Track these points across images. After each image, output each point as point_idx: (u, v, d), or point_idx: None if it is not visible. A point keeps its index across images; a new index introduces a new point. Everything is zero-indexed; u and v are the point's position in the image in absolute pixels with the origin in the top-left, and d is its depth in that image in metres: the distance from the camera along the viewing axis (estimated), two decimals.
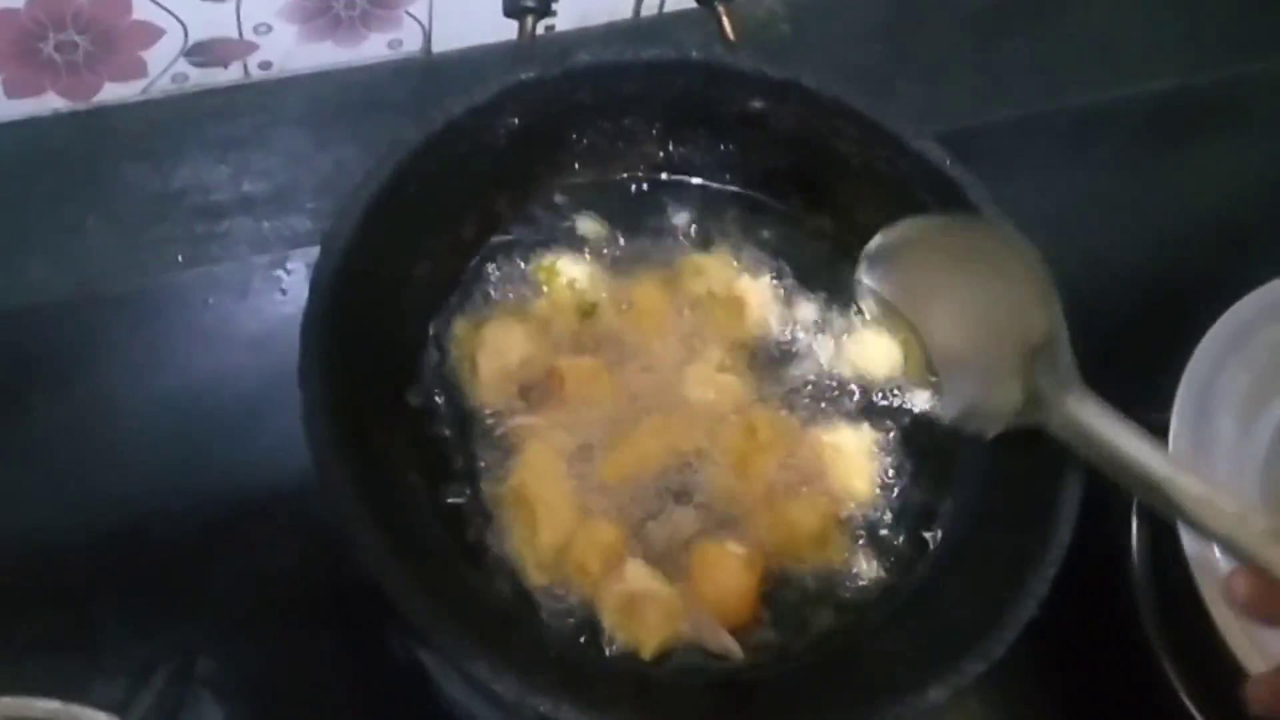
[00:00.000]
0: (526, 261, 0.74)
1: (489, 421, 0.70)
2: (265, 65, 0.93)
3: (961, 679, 0.58)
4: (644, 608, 0.64)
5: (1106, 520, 0.79)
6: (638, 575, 0.65)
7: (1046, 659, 0.76)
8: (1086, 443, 0.63)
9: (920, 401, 0.74)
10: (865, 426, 0.72)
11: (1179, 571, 0.70)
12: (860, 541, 0.69)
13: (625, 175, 0.76)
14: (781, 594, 0.68)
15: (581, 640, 0.65)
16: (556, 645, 0.63)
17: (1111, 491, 0.78)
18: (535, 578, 0.66)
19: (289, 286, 0.83)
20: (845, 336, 0.75)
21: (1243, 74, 1.05)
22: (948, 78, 1.02)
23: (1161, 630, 0.74)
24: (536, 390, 0.71)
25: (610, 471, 0.68)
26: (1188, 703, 0.73)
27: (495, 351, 0.71)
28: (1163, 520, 0.72)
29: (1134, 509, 0.77)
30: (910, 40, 1.04)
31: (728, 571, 0.66)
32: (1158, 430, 0.73)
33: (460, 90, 0.92)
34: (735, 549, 0.67)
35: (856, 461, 0.71)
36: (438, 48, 0.97)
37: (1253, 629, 0.68)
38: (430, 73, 0.97)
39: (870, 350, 0.74)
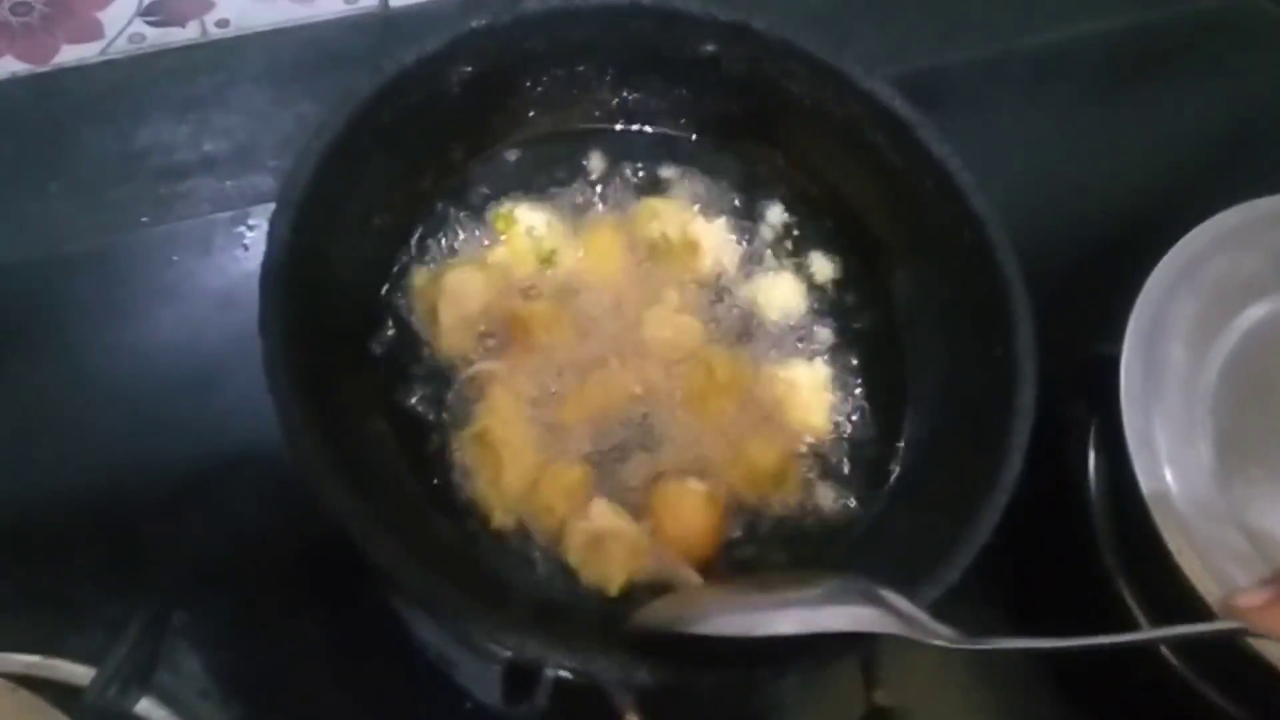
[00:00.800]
0: (485, 209, 0.75)
1: (453, 368, 0.70)
2: (223, 23, 0.93)
3: (918, 604, 0.59)
4: (609, 545, 0.66)
5: (1065, 447, 0.80)
6: (602, 514, 0.66)
7: (1006, 581, 0.78)
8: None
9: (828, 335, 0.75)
10: (819, 362, 0.73)
11: (1134, 497, 0.72)
12: (819, 476, 0.70)
13: (581, 126, 0.76)
14: (744, 529, 0.69)
15: (550, 581, 0.66)
16: (525, 586, 0.64)
17: (1070, 420, 0.80)
18: (502, 519, 0.66)
19: (251, 243, 0.84)
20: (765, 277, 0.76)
21: (1198, 10, 1.06)
22: (904, 21, 1.03)
23: (1118, 554, 0.76)
24: (498, 337, 0.71)
25: (572, 414, 0.69)
26: (1144, 624, 0.75)
27: (456, 300, 0.71)
28: (1118, 449, 0.74)
29: (1090, 437, 0.79)
30: None
31: (690, 508, 0.67)
32: (1111, 360, 0.75)
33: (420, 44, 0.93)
34: (696, 486, 0.68)
35: (811, 397, 0.71)
36: (395, 2, 0.97)
37: (1204, 553, 0.70)
38: (389, 26, 0.97)
39: (778, 292, 0.75)
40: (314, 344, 0.63)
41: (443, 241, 0.74)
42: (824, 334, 0.75)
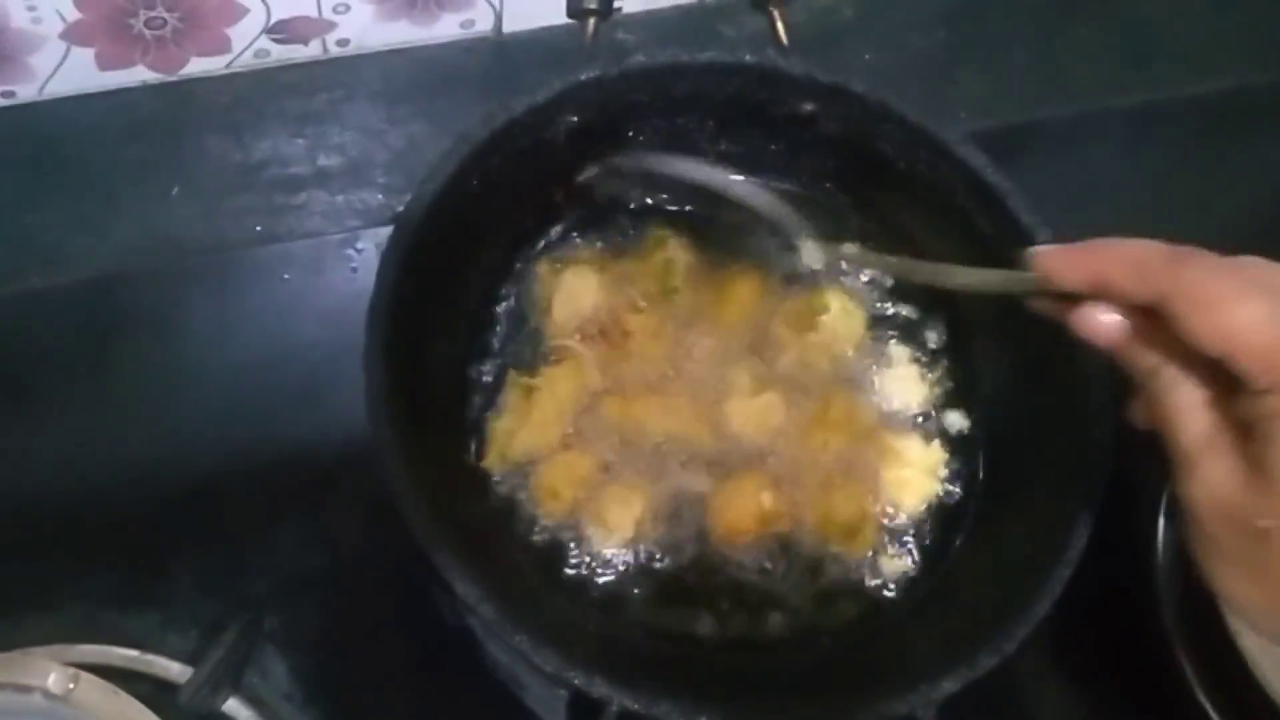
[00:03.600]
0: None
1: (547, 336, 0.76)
2: (343, 42, 0.97)
3: (974, 671, 0.61)
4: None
5: (1136, 510, 0.81)
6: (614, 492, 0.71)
7: (1067, 640, 0.80)
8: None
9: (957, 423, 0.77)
10: (936, 445, 0.75)
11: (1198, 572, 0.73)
12: (888, 537, 0.72)
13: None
14: (802, 578, 0.71)
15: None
16: (592, 619, 0.67)
17: (1140, 488, 0.81)
18: (494, 462, 0.71)
19: (358, 265, 0.87)
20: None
21: None
22: (1008, 67, 1.03)
23: (1180, 627, 0.77)
24: (599, 331, 0.75)
25: (612, 414, 0.73)
26: (1203, 701, 0.76)
27: (571, 294, 0.76)
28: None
29: (1161, 507, 0.80)
30: (972, 28, 1.04)
31: (746, 493, 0.71)
32: None
33: (529, 70, 0.96)
34: (764, 494, 0.71)
35: (916, 476, 0.74)
36: (509, 28, 0.99)
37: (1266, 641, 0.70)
38: (500, 52, 1.00)
39: (900, 380, 0.77)
40: (413, 377, 0.67)
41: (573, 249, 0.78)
42: (954, 419, 0.77)
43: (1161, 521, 0.79)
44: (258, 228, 0.90)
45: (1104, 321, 0.54)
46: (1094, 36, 1.06)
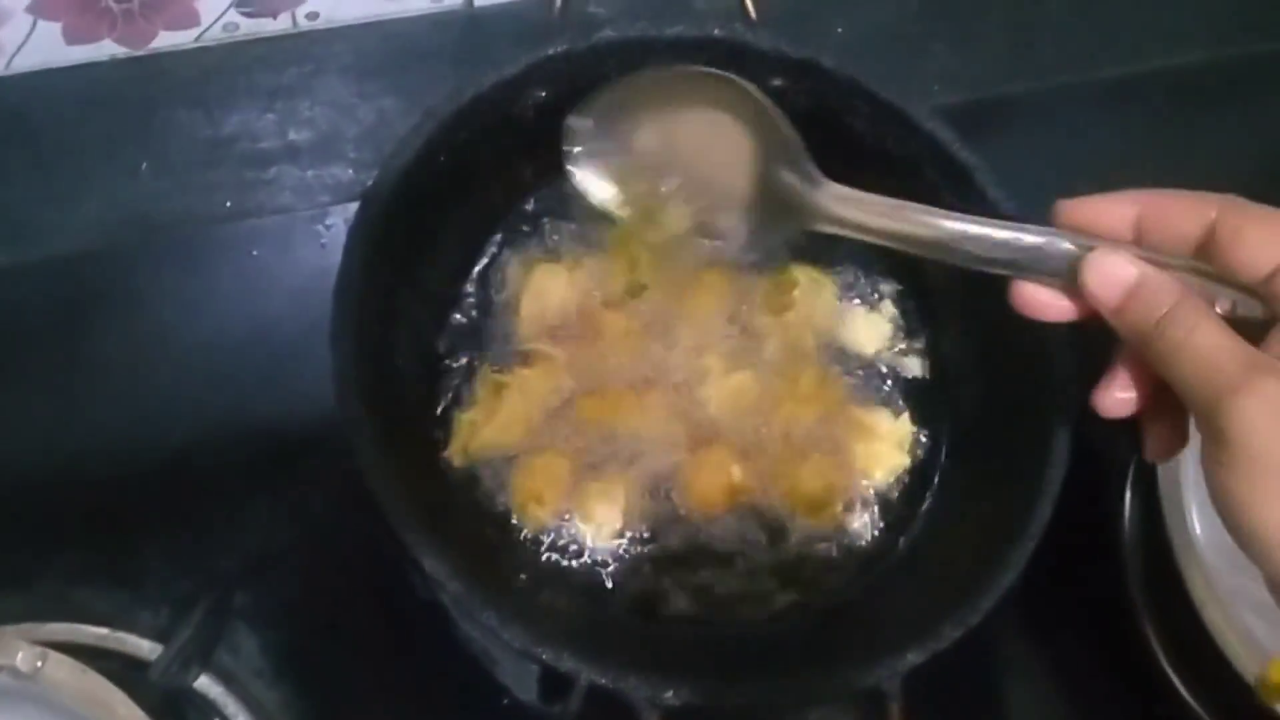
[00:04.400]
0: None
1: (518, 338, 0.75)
2: (312, 16, 0.96)
3: (938, 643, 0.61)
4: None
5: (1104, 484, 0.82)
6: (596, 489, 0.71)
7: (1036, 612, 0.81)
8: (857, 229, 0.63)
9: (914, 369, 0.77)
10: (905, 419, 0.75)
11: (1162, 543, 0.74)
12: (858, 509, 0.73)
13: None
14: (773, 551, 0.72)
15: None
16: (563, 596, 0.68)
17: (1108, 461, 0.82)
18: (453, 452, 0.72)
19: (327, 242, 0.87)
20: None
21: (1266, 51, 1.05)
22: (981, 40, 1.03)
23: (1147, 598, 0.78)
24: (569, 331, 0.75)
25: (586, 414, 0.73)
26: (1168, 670, 0.77)
27: (539, 293, 0.75)
28: (1151, 493, 0.76)
29: (1129, 479, 0.81)
30: (945, 1, 1.05)
31: (714, 465, 0.72)
32: None
33: (500, 43, 0.95)
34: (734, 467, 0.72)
35: (885, 449, 0.74)
36: (480, 1, 0.99)
37: (1227, 603, 0.71)
38: (472, 25, 0.99)
39: (858, 326, 0.77)
40: (382, 353, 0.67)
41: (541, 239, 0.78)
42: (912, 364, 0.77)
43: (1129, 493, 0.80)
44: (228, 203, 0.90)
45: (1120, 266, 0.55)
46: (1066, 9, 1.06)
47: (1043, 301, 0.59)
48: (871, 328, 0.77)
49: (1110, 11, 1.06)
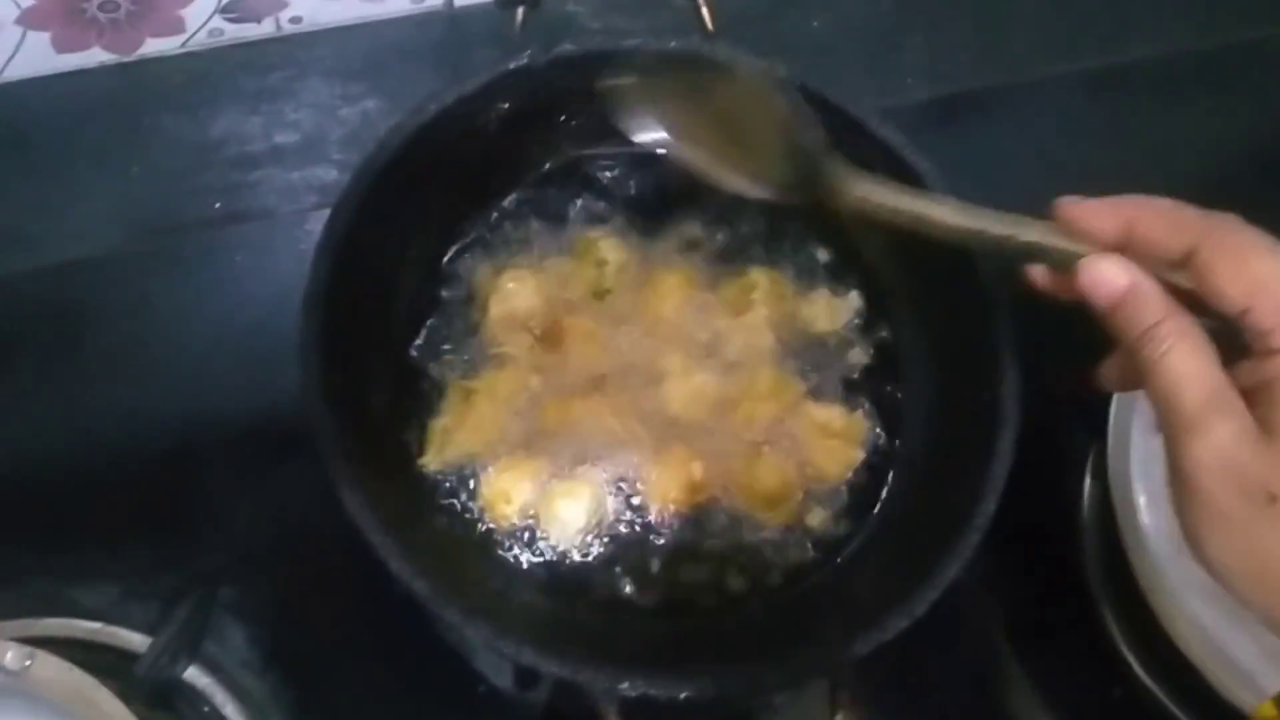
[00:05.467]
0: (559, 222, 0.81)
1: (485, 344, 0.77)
2: (296, 20, 0.98)
3: (884, 634, 0.64)
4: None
5: (1064, 472, 0.84)
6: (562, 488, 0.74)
7: (1001, 596, 0.84)
8: (886, 213, 0.63)
9: (862, 356, 0.79)
10: (859, 414, 0.77)
11: (1115, 532, 0.77)
12: (814, 504, 0.75)
13: (611, 154, 0.80)
14: (732, 546, 0.74)
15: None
16: (523, 597, 0.71)
17: (1067, 449, 0.84)
18: (428, 459, 0.74)
19: (305, 250, 0.88)
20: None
21: (1242, 41, 1.07)
22: (954, 35, 1.05)
23: (1105, 583, 0.80)
24: (535, 334, 0.78)
25: (552, 415, 0.75)
26: (1126, 653, 0.79)
27: (506, 296, 0.77)
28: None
29: (1088, 467, 0.83)
30: None
31: (676, 464, 0.74)
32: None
33: (481, 44, 0.98)
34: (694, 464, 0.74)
35: (840, 446, 0.76)
36: (460, 1, 1.01)
37: (1175, 590, 0.74)
38: (453, 25, 1.01)
39: (817, 308, 0.79)
40: (352, 360, 0.70)
41: (508, 244, 0.80)
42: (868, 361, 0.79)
43: (1088, 480, 0.83)
44: (216, 205, 0.93)
45: (1112, 274, 0.56)
46: (1039, 2, 1.07)
47: (1050, 284, 0.60)
48: (829, 323, 0.79)
49: (1083, 3, 1.08)
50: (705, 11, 0.75)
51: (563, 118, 0.78)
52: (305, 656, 0.79)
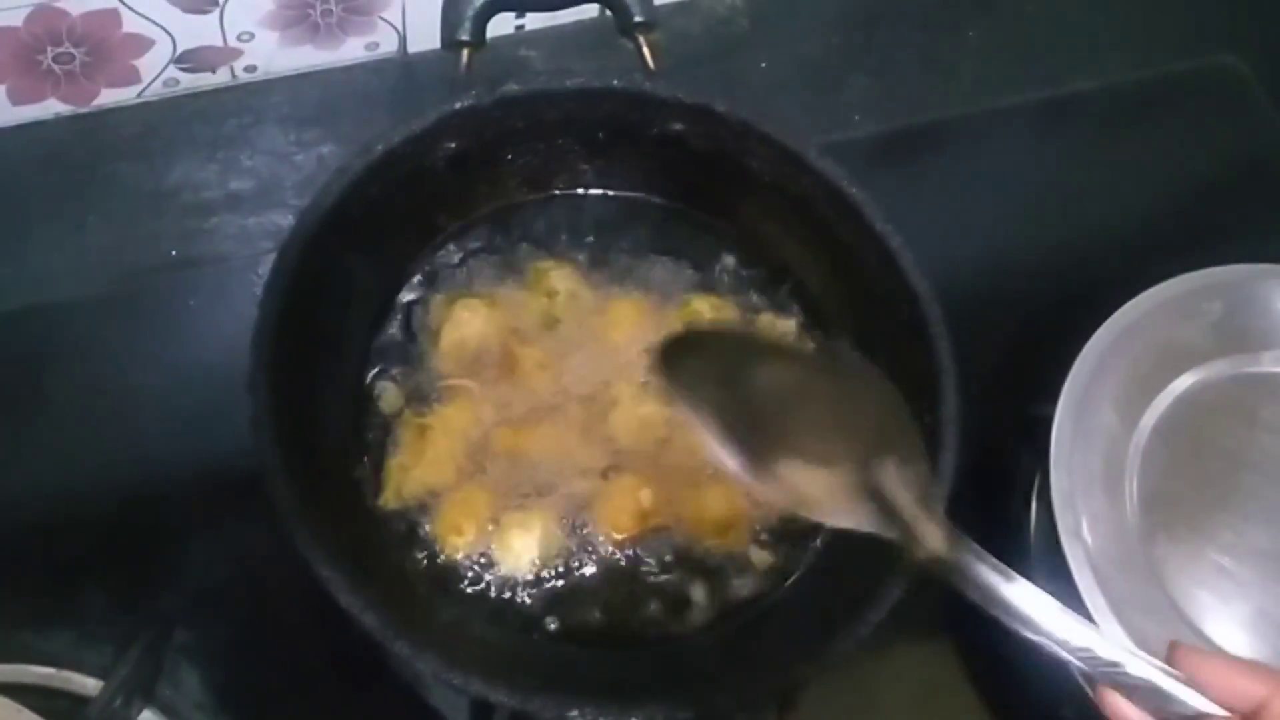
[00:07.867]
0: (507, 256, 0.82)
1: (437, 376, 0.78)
2: (250, 69, 1.00)
3: (829, 658, 0.65)
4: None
5: (1010, 497, 0.85)
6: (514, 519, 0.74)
7: (954, 618, 0.85)
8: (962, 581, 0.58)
9: None
10: None
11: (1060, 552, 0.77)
12: (758, 532, 0.76)
13: (559, 191, 0.82)
14: (681, 574, 0.75)
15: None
16: (481, 624, 0.71)
17: (1013, 475, 0.85)
18: (386, 498, 0.74)
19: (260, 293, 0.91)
20: None
21: (1178, 71, 1.09)
22: (900, 71, 1.07)
23: None
24: (487, 364, 0.78)
25: (503, 445, 0.76)
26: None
27: (458, 325, 0.78)
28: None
29: (1034, 491, 0.84)
30: (864, 34, 1.09)
31: (625, 492, 0.75)
32: (1049, 420, 0.80)
33: (435, 88, 0.98)
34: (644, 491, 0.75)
35: None
36: (414, 48, 1.03)
37: (1120, 607, 0.75)
38: (406, 71, 1.03)
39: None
40: (304, 398, 0.71)
41: (457, 278, 0.81)
42: None
43: (1034, 504, 0.84)
44: (172, 252, 0.94)
45: (1123, 713, 0.57)
46: (984, 38, 1.10)
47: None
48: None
49: (1027, 39, 1.11)
50: (647, 52, 0.77)
51: (509, 156, 0.79)
52: (260, 698, 0.80)
